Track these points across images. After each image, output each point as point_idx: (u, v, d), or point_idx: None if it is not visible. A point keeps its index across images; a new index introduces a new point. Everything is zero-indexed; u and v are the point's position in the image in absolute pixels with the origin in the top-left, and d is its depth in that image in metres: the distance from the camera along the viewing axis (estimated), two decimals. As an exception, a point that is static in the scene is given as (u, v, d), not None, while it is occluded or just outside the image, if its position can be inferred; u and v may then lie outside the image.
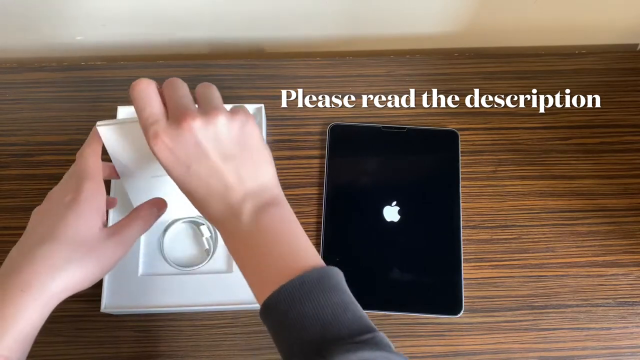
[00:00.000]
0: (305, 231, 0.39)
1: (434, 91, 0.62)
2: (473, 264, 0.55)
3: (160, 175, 0.45)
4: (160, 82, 0.42)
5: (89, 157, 0.43)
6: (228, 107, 0.41)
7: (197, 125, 0.37)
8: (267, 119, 0.60)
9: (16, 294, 0.37)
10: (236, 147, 0.39)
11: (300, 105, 0.61)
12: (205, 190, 0.38)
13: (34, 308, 0.37)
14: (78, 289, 0.39)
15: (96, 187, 0.42)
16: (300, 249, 0.38)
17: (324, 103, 0.61)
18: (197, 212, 0.41)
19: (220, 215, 0.38)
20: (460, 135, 0.59)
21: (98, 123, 0.44)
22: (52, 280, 0.37)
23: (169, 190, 0.44)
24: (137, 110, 0.39)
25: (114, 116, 0.57)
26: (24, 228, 0.56)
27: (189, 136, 0.37)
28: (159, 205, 0.45)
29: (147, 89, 0.39)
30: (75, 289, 0.39)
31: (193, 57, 0.68)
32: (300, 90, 0.62)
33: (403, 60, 0.64)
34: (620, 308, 0.54)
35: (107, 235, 0.41)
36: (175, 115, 0.38)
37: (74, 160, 0.58)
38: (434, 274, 0.54)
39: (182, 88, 0.41)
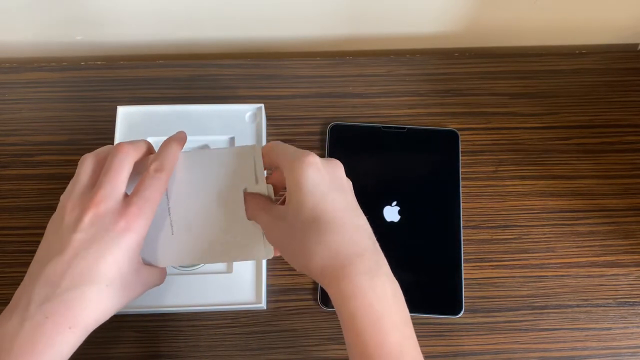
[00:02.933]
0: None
1: (434, 91, 0.62)
2: (473, 264, 0.55)
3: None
4: (159, 82, 0.42)
5: (162, 184, 0.41)
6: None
7: (342, 167, 0.41)
8: (267, 119, 0.60)
9: (64, 330, 0.37)
10: (356, 201, 0.41)
11: (300, 105, 0.61)
12: (339, 219, 0.37)
13: (75, 344, 0.38)
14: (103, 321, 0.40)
15: (150, 221, 0.40)
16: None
17: (324, 103, 0.61)
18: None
19: (355, 245, 0.37)
20: (460, 135, 0.59)
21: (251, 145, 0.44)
22: (95, 322, 0.39)
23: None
24: (286, 148, 0.42)
25: (113, 116, 0.57)
26: (24, 228, 0.56)
27: (339, 170, 0.40)
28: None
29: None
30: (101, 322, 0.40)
31: (193, 57, 0.68)
32: (300, 90, 0.62)
33: (403, 60, 0.64)
34: (621, 308, 0.54)
35: (138, 277, 0.41)
36: (316, 156, 0.40)
37: (73, 161, 0.58)
38: (434, 274, 0.54)
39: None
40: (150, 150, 0.44)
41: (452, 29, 0.65)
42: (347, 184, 0.40)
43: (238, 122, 0.57)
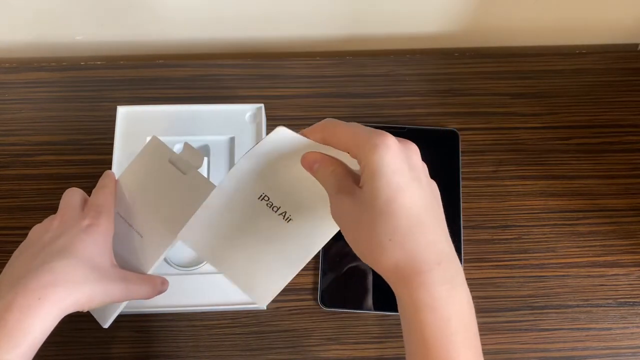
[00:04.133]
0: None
1: (434, 91, 0.62)
2: (473, 264, 0.55)
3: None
4: (159, 82, 0.42)
5: (110, 195, 0.46)
6: None
7: (418, 151, 0.36)
8: (267, 119, 0.60)
9: (34, 303, 0.37)
10: (436, 199, 0.37)
11: (300, 105, 0.61)
12: (415, 217, 0.33)
13: (49, 319, 0.38)
14: (82, 308, 0.40)
15: (111, 225, 0.45)
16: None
17: (324, 103, 0.61)
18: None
19: (429, 252, 0.33)
20: (460, 135, 0.59)
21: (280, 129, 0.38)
22: (69, 295, 0.39)
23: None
24: (352, 126, 0.36)
25: (113, 116, 0.57)
26: (23, 228, 0.55)
27: (416, 155, 0.35)
28: (166, 286, 0.48)
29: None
30: (80, 308, 0.40)
31: (193, 57, 0.68)
32: (300, 91, 0.62)
33: (403, 60, 0.64)
34: (621, 308, 0.54)
35: (117, 274, 0.43)
36: (394, 138, 0.35)
37: (73, 160, 0.58)
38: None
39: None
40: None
41: (452, 29, 0.65)
42: (424, 173, 0.36)
43: (238, 122, 0.57)
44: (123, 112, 0.57)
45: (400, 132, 0.59)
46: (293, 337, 0.52)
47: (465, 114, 0.61)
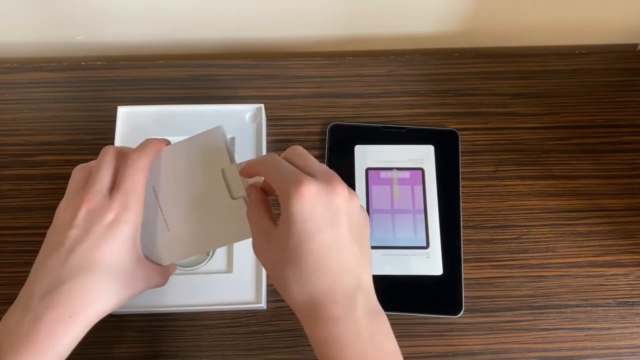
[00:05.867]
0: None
1: (434, 91, 0.62)
2: (473, 264, 0.55)
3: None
4: (159, 82, 0.42)
5: (141, 175, 0.42)
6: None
7: (345, 194, 0.37)
8: (267, 119, 0.60)
9: (65, 319, 0.38)
10: (359, 235, 0.38)
11: (300, 105, 0.61)
12: (321, 261, 0.36)
13: (77, 334, 0.39)
14: (111, 311, 0.40)
15: (140, 214, 0.42)
16: None
17: (324, 103, 0.61)
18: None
19: (325, 293, 0.36)
20: (460, 135, 0.59)
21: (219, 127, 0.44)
22: (97, 310, 0.39)
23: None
24: (281, 168, 0.38)
25: (113, 116, 0.57)
26: (23, 228, 0.56)
27: (336, 200, 0.37)
28: (174, 269, 0.48)
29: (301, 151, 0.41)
30: (109, 312, 0.40)
31: (193, 57, 0.68)
32: (300, 91, 0.62)
33: (403, 60, 0.64)
34: (620, 308, 0.54)
35: (141, 273, 0.42)
36: (325, 177, 0.37)
37: (74, 160, 0.58)
38: (433, 274, 0.54)
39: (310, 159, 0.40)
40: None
41: (452, 29, 0.65)
42: (346, 212, 0.37)
43: (238, 122, 0.57)
44: (123, 112, 0.57)
45: (400, 132, 0.59)
46: (293, 337, 0.52)
47: (465, 114, 0.61)
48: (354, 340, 0.36)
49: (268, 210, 0.41)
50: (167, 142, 0.45)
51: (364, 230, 0.39)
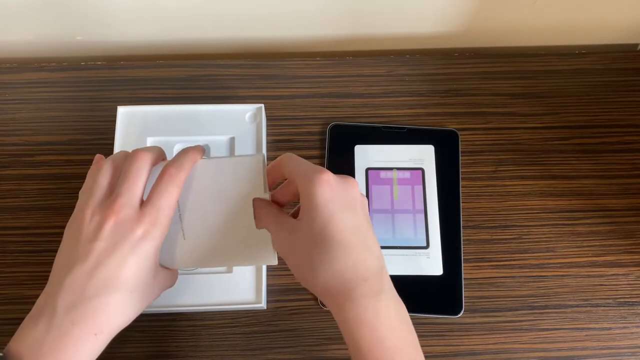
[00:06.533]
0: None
1: (434, 91, 0.62)
2: (473, 264, 0.55)
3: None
4: (159, 82, 0.42)
5: (175, 193, 0.41)
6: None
7: (358, 187, 0.40)
8: (267, 119, 0.60)
9: (91, 338, 0.38)
10: (370, 228, 0.40)
11: (300, 105, 0.61)
12: (348, 238, 0.37)
13: (98, 351, 0.39)
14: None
15: (165, 231, 0.41)
16: None
17: (324, 103, 0.61)
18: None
19: (356, 270, 0.37)
20: (460, 135, 0.59)
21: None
22: (118, 328, 0.40)
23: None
24: (300, 162, 0.41)
25: (113, 116, 0.57)
26: (23, 228, 0.56)
27: (352, 188, 0.39)
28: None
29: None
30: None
31: (193, 57, 0.68)
32: (300, 91, 0.62)
33: (403, 60, 0.64)
34: (620, 308, 0.54)
35: (158, 285, 0.42)
36: (333, 172, 0.40)
37: (74, 160, 0.58)
38: (433, 274, 0.54)
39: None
40: (163, 156, 0.44)
41: (452, 29, 0.65)
42: (361, 203, 0.40)
43: (238, 122, 0.57)
44: (123, 112, 0.57)
45: (400, 132, 0.59)
46: (293, 337, 0.52)
47: (465, 114, 0.61)
48: (384, 320, 0.36)
49: (282, 210, 0.42)
50: (204, 152, 0.44)
51: (371, 227, 0.40)
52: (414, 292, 0.54)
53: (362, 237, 0.38)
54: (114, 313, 0.39)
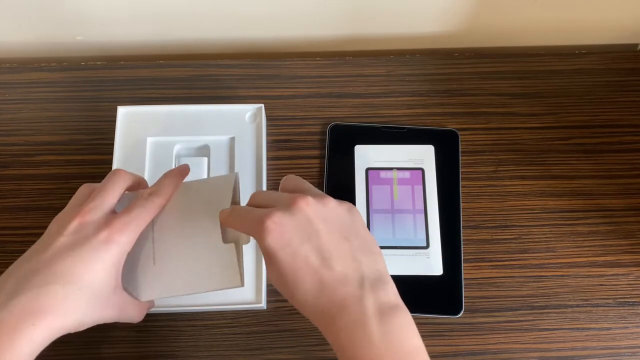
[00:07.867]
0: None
1: (434, 91, 0.62)
2: (473, 264, 0.55)
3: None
4: (159, 82, 0.42)
5: (151, 214, 0.42)
6: None
7: (309, 203, 0.38)
8: (267, 119, 0.60)
9: (27, 328, 0.36)
10: (346, 230, 0.38)
11: (300, 105, 0.61)
12: (316, 276, 0.37)
13: (38, 344, 0.37)
14: (70, 332, 0.39)
15: (131, 244, 0.41)
16: None
17: (324, 103, 0.61)
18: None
19: (328, 309, 0.37)
20: (460, 135, 0.59)
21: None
22: (60, 326, 0.38)
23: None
24: (244, 214, 0.40)
25: (113, 116, 0.57)
26: (23, 228, 0.56)
27: (300, 214, 0.37)
28: (152, 305, 0.47)
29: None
30: (68, 332, 0.39)
31: (193, 57, 0.68)
32: (300, 91, 0.62)
33: (403, 60, 0.64)
34: (621, 308, 0.54)
35: (115, 301, 0.41)
36: (285, 202, 0.38)
37: (73, 160, 0.58)
38: (433, 274, 0.54)
39: (301, 181, 0.42)
40: (144, 184, 0.46)
41: (452, 29, 0.65)
42: (317, 218, 0.38)
43: (238, 122, 0.57)
44: (123, 112, 0.57)
45: (400, 132, 0.59)
46: (293, 337, 0.52)
47: (465, 114, 0.61)
48: (367, 344, 0.35)
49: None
50: (187, 172, 0.45)
51: (351, 223, 0.39)
52: (414, 292, 0.53)
53: (329, 263, 0.37)
54: (56, 306, 0.37)
